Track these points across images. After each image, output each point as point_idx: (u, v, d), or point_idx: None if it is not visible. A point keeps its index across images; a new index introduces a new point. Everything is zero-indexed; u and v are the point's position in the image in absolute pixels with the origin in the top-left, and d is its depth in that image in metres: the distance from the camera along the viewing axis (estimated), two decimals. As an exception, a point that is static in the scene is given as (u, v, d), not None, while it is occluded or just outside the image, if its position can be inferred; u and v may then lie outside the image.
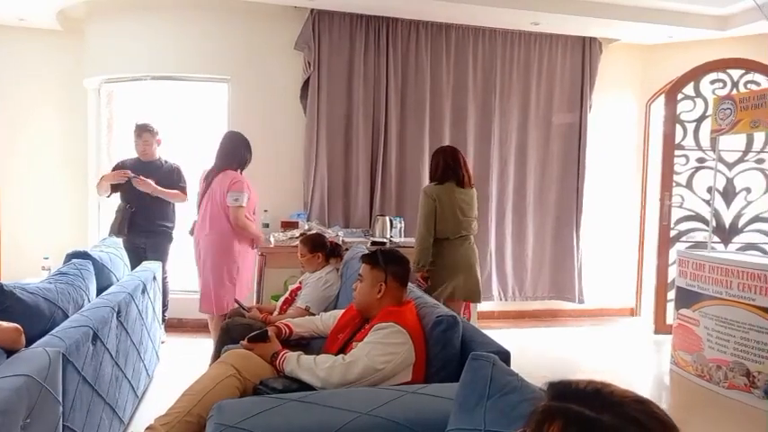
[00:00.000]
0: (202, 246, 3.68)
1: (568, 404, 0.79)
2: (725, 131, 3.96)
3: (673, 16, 4.63)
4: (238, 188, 3.56)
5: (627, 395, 0.80)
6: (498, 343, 2.02)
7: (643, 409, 0.77)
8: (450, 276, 3.46)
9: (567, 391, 0.82)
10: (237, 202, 3.55)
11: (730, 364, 3.48)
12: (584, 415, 0.76)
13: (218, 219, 3.62)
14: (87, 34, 4.77)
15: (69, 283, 2.38)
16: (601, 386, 0.82)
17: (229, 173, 3.64)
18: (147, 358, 3.14)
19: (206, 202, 3.69)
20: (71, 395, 1.85)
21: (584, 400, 0.79)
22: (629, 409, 0.77)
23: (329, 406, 1.54)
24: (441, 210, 3.40)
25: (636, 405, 0.78)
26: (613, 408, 0.77)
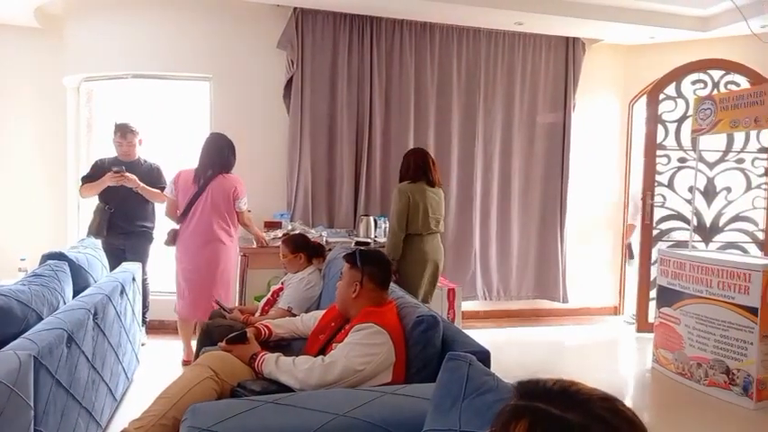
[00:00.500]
0: (207, 254, 3.58)
1: (535, 403, 0.80)
2: (705, 131, 4.00)
3: (655, 17, 4.67)
4: (244, 192, 3.69)
5: (593, 393, 0.80)
6: (479, 343, 2.02)
7: (609, 407, 0.77)
8: (421, 269, 3.67)
9: (534, 389, 0.82)
10: (246, 206, 3.72)
11: (710, 362, 3.51)
12: (550, 413, 0.77)
13: (225, 224, 3.61)
14: (66, 32, 4.70)
15: (44, 284, 2.33)
16: (568, 384, 0.82)
17: (229, 177, 3.64)
18: (126, 361, 3.09)
19: (203, 207, 3.58)
20: (44, 399, 1.81)
21: (551, 399, 0.79)
22: (595, 406, 0.77)
23: (305, 408, 1.52)
24: (413, 206, 3.60)
25: (602, 403, 0.78)
26: (579, 406, 0.77)
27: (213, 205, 3.57)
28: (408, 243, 3.63)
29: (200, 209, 3.58)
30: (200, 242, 3.59)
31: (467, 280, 5.02)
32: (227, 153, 3.70)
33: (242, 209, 3.68)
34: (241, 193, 3.66)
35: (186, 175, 3.68)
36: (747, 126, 3.70)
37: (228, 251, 3.66)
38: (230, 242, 3.67)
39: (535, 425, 0.77)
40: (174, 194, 3.67)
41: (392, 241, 3.64)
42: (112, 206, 3.94)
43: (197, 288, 3.62)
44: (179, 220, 3.68)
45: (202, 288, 3.60)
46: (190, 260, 3.63)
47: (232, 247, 3.69)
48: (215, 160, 3.64)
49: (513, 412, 0.81)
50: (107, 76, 4.72)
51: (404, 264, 3.64)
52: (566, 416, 0.76)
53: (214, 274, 3.59)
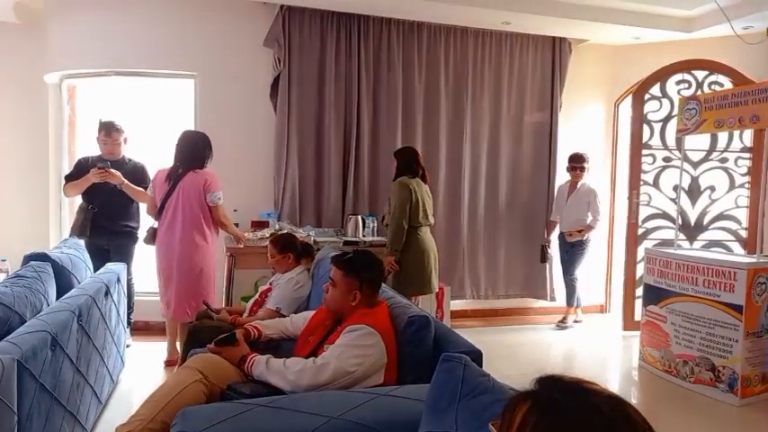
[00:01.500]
0: (179, 251, 3.56)
1: (544, 389, 0.83)
2: (690, 131, 4.04)
3: (640, 18, 4.71)
4: (217, 186, 3.63)
5: (603, 391, 0.82)
6: (470, 342, 2.01)
7: (611, 403, 0.79)
8: (426, 258, 3.86)
9: (549, 381, 0.86)
10: (220, 200, 3.64)
11: (696, 359, 3.55)
12: (552, 398, 0.80)
13: (197, 221, 3.57)
14: (47, 27, 4.60)
15: (27, 286, 2.28)
16: (583, 381, 0.85)
17: (200, 172, 3.60)
18: (111, 363, 3.03)
19: (174, 204, 3.58)
20: (28, 404, 1.76)
21: (559, 389, 0.82)
22: (598, 399, 0.79)
23: (298, 410, 1.50)
24: (415, 199, 3.80)
25: (608, 400, 0.79)
26: (583, 397, 0.80)
27: (185, 202, 3.55)
28: (411, 235, 3.80)
29: (173, 206, 3.57)
30: (174, 240, 3.57)
31: (455, 279, 5.02)
32: (200, 149, 3.66)
33: (216, 203, 3.60)
34: (212, 185, 3.58)
35: (162, 173, 3.67)
36: (732, 126, 3.74)
37: (203, 249, 3.60)
38: (205, 239, 3.60)
39: (535, 406, 0.80)
40: (152, 193, 3.68)
41: (396, 233, 3.77)
42: (96, 206, 3.88)
43: (173, 286, 3.60)
44: (156, 218, 3.67)
45: (178, 286, 3.58)
46: (164, 258, 3.63)
47: (207, 244, 3.62)
48: (186, 157, 3.63)
49: (521, 396, 0.85)
50: (89, 72, 4.63)
51: (408, 255, 3.81)
52: (564, 401, 0.79)
53: (189, 272, 3.56)
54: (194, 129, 4.27)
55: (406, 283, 3.77)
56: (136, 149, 4.27)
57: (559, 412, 0.78)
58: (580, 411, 0.77)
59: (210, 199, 3.59)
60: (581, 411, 0.77)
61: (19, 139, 4.77)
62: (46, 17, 4.61)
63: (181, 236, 3.56)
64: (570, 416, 0.77)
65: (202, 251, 3.60)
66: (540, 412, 0.79)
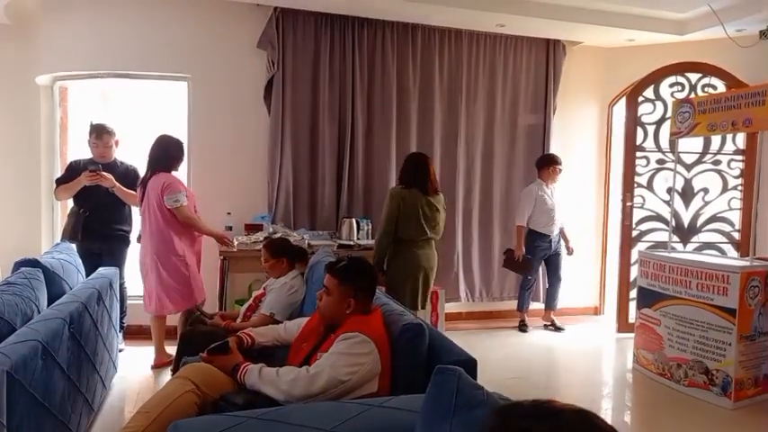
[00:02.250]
0: (148, 251, 3.68)
1: (509, 421, 0.83)
2: (684, 134, 4.05)
3: (633, 20, 4.72)
4: (173, 189, 3.61)
5: (566, 407, 0.82)
6: (464, 351, 2.00)
7: (580, 418, 0.80)
8: (412, 275, 3.64)
9: (510, 409, 0.86)
10: (178, 203, 3.60)
11: (690, 363, 3.56)
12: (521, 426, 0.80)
13: (156, 221, 3.65)
14: (39, 29, 4.56)
15: (17, 293, 2.25)
16: (542, 402, 0.85)
17: (161, 175, 3.66)
18: (104, 370, 3.01)
19: (145, 208, 3.70)
20: (18, 415, 1.74)
21: (524, 415, 0.82)
22: (567, 418, 0.80)
23: (291, 423, 1.48)
24: (405, 212, 3.58)
25: (574, 415, 0.81)
26: (551, 418, 0.80)
27: (149, 205, 3.65)
28: (402, 249, 3.63)
29: (145, 209, 3.69)
30: (146, 238, 3.70)
31: (449, 281, 5.02)
32: (165, 153, 3.72)
33: (173, 205, 3.57)
34: (168, 188, 3.58)
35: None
36: (725, 129, 3.75)
37: (168, 249, 3.63)
38: (169, 241, 3.63)
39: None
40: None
41: (379, 245, 3.64)
42: (87, 209, 3.85)
43: (145, 281, 3.74)
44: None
45: (148, 281, 3.70)
46: (142, 255, 3.75)
47: (173, 246, 3.64)
48: (151, 161, 3.72)
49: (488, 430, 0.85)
50: (81, 74, 4.59)
51: (395, 269, 3.65)
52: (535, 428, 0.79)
53: (157, 270, 3.64)
54: (185, 131, 4.27)
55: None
56: (129, 152, 4.24)
57: None
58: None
59: (167, 202, 3.58)
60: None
61: (10, 142, 4.72)
62: (37, 18, 4.56)
63: (149, 237, 3.68)
64: None
65: (167, 252, 3.63)
66: None
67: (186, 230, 3.71)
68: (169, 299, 3.65)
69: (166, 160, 3.70)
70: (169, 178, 3.64)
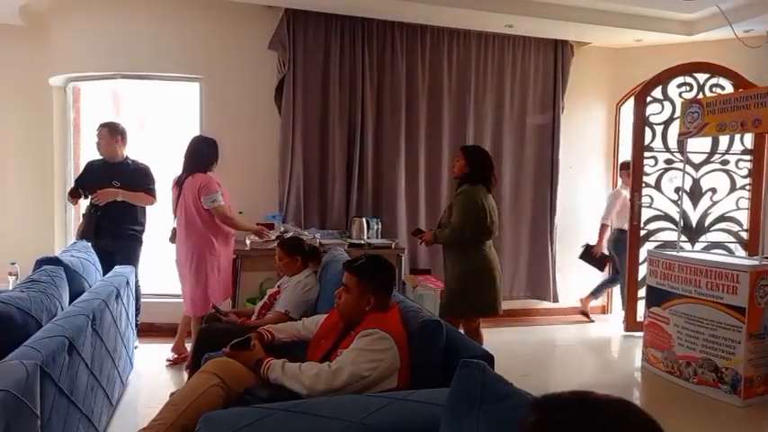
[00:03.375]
0: (183, 251, 3.72)
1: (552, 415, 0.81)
2: (693, 134, 4.08)
3: (641, 21, 4.75)
4: (210, 189, 3.63)
5: (610, 398, 0.82)
6: (481, 347, 2.04)
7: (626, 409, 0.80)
8: (493, 279, 3.47)
9: (550, 403, 0.84)
10: (215, 203, 3.63)
11: (699, 361, 3.59)
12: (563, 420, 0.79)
13: (194, 223, 3.68)
14: (53, 30, 4.62)
15: (42, 291, 2.30)
16: (583, 394, 0.84)
17: (197, 176, 3.68)
18: (121, 366, 3.06)
19: (180, 207, 3.73)
20: (48, 408, 1.79)
21: (568, 409, 0.81)
22: (612, 410, 0.79)
23: (318, 415, 1.53)
24: (483, 216, 3.39)
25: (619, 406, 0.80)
26: (597, 411, 0.79)
27: (186, 206, 3.69)
28: (477, 252, 3.42)
29: (181, 210, 3.73)
30: (181, 240, 3.75)
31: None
32: (199, 154, 3.75)
33: (210, 205, 3.61)
34: (205, 189, 3.61)
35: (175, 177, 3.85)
36: (734, 129, 3.78)
37: (205, 250, 3.68)
38: (205, 241, 3.68)
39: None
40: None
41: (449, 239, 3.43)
42: (99, 209, 3.89)
43: (182, 282, 3.81)
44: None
45: (184, 282, 3.77)
46: (177, 257, 3.81)
47: (211, 246, 3.69)
48: (186, 163, 3.78)
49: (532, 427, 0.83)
50: (94, 75, 4.65)
51: (474, 273, 3.41)
52: (586, 422, 0.78)
53: (194, 272, 3.68)
54: (202, 133, 4.30)
55: (466, 303, 3.43)
56: (143, 152, 4.29)
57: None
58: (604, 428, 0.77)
59: (204, 202, 3.61)
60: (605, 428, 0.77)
61: (24, 143, 4.79)
62: (51, 20, 4.62)
63: (185, 237, 3.71)
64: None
65: (204, 253, 3.67)
66: None
67: (221, 231, 3.74)
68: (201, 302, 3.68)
69: (201, 161, 3.73)
70: (205, 179, 3.65)
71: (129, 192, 3.92)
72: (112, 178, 3.92)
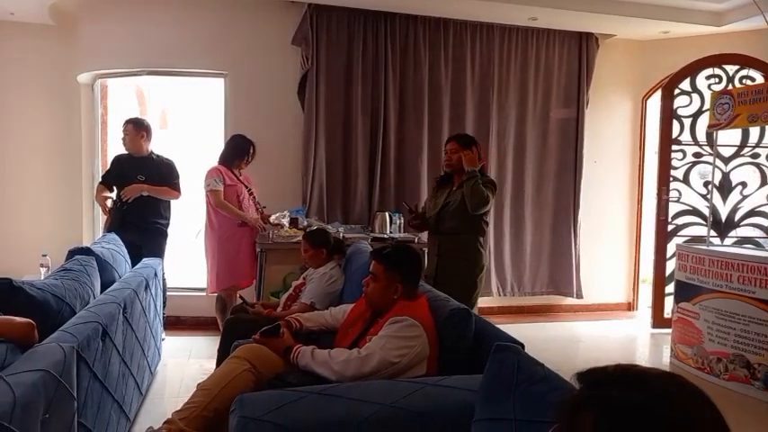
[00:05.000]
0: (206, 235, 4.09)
1: (598, 391, 0.79)
2: (723, 126, 3.99)
3: (668, 12, 4.66)
4: (209, 175, 3.93)
5: (654, 372, 0.80)
6: (510, 335, 2.03)
7: (672, 383, 0.78)
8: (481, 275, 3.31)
9: (594, 377, 0.82)
10: (209, 187, 3.90)
11: (731, 357, 3.52)
12: (614, 399, 0.77)
13: (207, 209, 4.02)
14: (80, 29, 4.70)
15: (75, 279, 2.34)
16: (627, 367, 0.82)
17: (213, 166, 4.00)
18: (150, 355, 3.11)
19: None
20: (83, 391, 1.82)
21: (612, 384, 0.79)
22: (658, 384, 0.77)
23: (350, 398, 1.53)
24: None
25: (665, 379, 0.78)
26: (642, 386, 0.77)
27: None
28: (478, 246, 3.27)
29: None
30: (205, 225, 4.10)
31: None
32: (225, 149, 4.10)
33: (205, 188, 3.92)
34: (207, 175, 3.94)
35: None
36: (766, 121, 3.69)
37: (209, 234, 4.03)
38: (215, 224, 3.99)
39: (604, 412, 0.76)
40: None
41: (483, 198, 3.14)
42: (125, 203, 3.95)
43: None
44: None
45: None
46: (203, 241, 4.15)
47: (212, 230, 4.01)
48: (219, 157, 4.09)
49: (576, 404, 0.81)
50: (121, 72, 4.73)
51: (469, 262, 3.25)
52: (630, 398, 0.76)
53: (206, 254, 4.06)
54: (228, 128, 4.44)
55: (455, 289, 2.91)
56: (169, 147, 4.35)
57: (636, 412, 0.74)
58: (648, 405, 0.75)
59: (204, 186, 3.93)
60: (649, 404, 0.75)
61: (53, 138, 4.89)
62: (79, 19, 4.71)
63: (206, 223, 4.06)
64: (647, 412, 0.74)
65: (208, 236, 4.04)
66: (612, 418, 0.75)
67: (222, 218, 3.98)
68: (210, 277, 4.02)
69: (226, 156, 4.05)
70: (213, 167, 3.97)
71: (154, 186, 3.97)
72: (138, 173, 3.97)
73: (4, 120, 4.87)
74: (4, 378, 1.30)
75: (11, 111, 4.87)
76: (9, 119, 4.87)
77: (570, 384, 1.10)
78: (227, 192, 3.93)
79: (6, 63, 4.83)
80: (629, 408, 0.75)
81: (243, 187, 4.04)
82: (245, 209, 4.01)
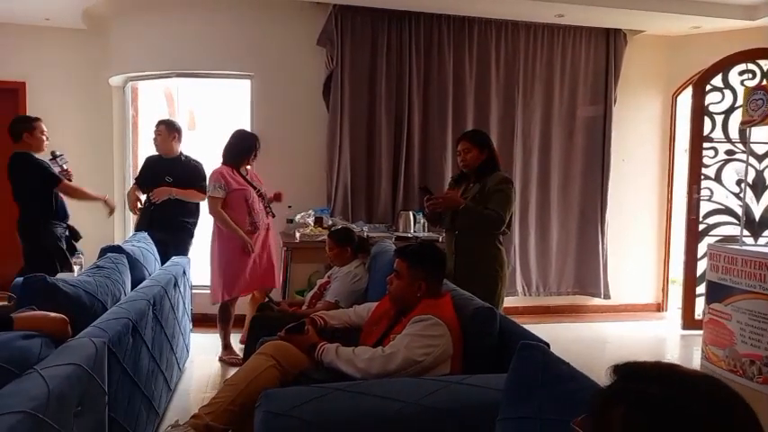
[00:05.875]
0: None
1: (634, 384, 0.78)
2: (756, 122, 3.89)
3: (699, 6, 4.55)
4: (212, 179, 3.66)
5: (694, 373, 0.78)
6: (536, 335, 2.01)
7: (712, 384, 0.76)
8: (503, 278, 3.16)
9: (631, 371, 0.81)
10: (209, 192, 3.65)
11: (764, 359, 3.42)
12: (649, 394, 0.75)
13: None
14: (112, 32, 4.82)
15: (107, 276, 2.40)
16: (666, 366, 0.80)
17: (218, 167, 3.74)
18: (179, 352, 3.16)
19: None
20: (114, 386, 1.86)
21: (649, 381, 0.77)
22: (698, 384, 0.75)
23: (374, 395, 1.54)
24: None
25: (704, 380, 0.76)
26: (680, 385, 0.76)
27: None
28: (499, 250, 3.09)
29: None
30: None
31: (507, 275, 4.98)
32: (229, 147, 3.80)
33: (207, 192, 3.69)
34: (210, 178, 3.71)
35: None
36: (803, 116, 3.58)
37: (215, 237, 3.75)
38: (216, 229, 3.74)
39: (637, 406, 0.75)
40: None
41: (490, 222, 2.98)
42: (153, 204, 4.04)
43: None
44: None
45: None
46: None
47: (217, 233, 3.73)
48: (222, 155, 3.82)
49: (609, 395, 0.80)
50: (152, 74, 4.82)
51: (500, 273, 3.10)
52: (666, 396, 0.74)
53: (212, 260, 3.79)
54: (253, 129, 4.39)
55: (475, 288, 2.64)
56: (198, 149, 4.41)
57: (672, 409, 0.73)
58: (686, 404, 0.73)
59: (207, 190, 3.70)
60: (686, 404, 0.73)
61: (86, 140, 5.00)
62: (110, 23, 4.82)
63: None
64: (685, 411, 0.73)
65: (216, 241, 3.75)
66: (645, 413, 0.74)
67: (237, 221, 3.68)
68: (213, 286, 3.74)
69: (231, 154, 3.76)
70: (216, 170, 3.71)
71: (182, 190, 4.00)
72: (166, 174, 4.04)
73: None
74: (38, 371, 1.34)
75: (45, 113, 4.98)
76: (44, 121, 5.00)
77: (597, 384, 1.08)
78: (235, 197, 3.67)
79: (41, 66, 4.97)
80: (664, 404, 0.74)
81: (251, 190, 3.75)
82: (256, 212, 3.74)
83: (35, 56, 4.97)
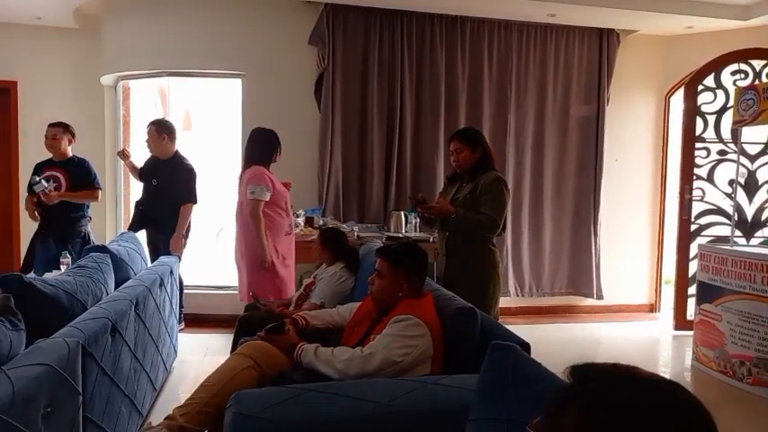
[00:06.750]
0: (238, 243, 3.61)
1: (589, 386, 0.76)
2: (747, 122, 3.87)
3: (692, 6, 4.55)
4: (255, 181, 3.40)
5: (653, 377, 0.77)
6: (517, 335, 1.99)
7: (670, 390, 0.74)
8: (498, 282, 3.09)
9: (589, 372, 0.79)
10: (253, 195, 3.38)
11: (754, 360, 3.41)
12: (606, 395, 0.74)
13: (244, 214, 3.51)
14: (103, 32, 4.81)
15: (88, 276, 2.39)
16: (624, 368, 0.79)
17: (252, 168, 3.51)
18: (165, 352, 3.15)
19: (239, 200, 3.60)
20: (90, 386, 1.85)
21: (607, 382, 0.76)
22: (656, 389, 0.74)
23: (348, 396, 1.52)
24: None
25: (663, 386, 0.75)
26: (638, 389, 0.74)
27: (240, 198, 3.55)
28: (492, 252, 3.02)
29: (239, 202, 3.59)
30: (237, 232, 3.61)
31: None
32: (252, 146, 3.59)
33: (248, 197, 3.37)
34: (251, 180, 3.41)
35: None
36: (793, 116, 3.57)
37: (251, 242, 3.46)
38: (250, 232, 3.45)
39: (590, 408, 0.74)
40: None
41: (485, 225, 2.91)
42: (140, 203, 4.03)
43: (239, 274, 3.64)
44: None
45: (238, 271, 3.62)
46: (234, 249, 3.67)
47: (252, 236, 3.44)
48: (246, 155, 3.63)
49: (564, 397, 0.78)
50: (143, 74, 4.81)
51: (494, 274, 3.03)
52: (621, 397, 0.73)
53: (244, 263, 3.56)
54: (239, 127, 4.38)
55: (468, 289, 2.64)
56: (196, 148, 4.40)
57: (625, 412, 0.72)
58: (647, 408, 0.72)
59: (246, 193, 3.42)
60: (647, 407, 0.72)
61: (77, 140, 4.97)
62: (102, 21, 4.81)
63: (240, 230, 3.57)
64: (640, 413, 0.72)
65: (246, 243, 3.51)
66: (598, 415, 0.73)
67: (271, 226, 3.47)
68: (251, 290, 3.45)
69: (263, 153, 3.53)
70: (253, 170, 3.46)
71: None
72: (153, 177, 4.03)
73: (29, 121, 4.99)
74: (4, 371, 1.33)
75: (37, 112, 4.99)
76: (35, 120, 4.99)
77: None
78: (277, 200, 3.46)
79: (33, 65, 4.96)
80: (618, 406, 0.73)
81: (287, 192, 3.60)
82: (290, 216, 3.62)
83: (27, 55, 4.96)
